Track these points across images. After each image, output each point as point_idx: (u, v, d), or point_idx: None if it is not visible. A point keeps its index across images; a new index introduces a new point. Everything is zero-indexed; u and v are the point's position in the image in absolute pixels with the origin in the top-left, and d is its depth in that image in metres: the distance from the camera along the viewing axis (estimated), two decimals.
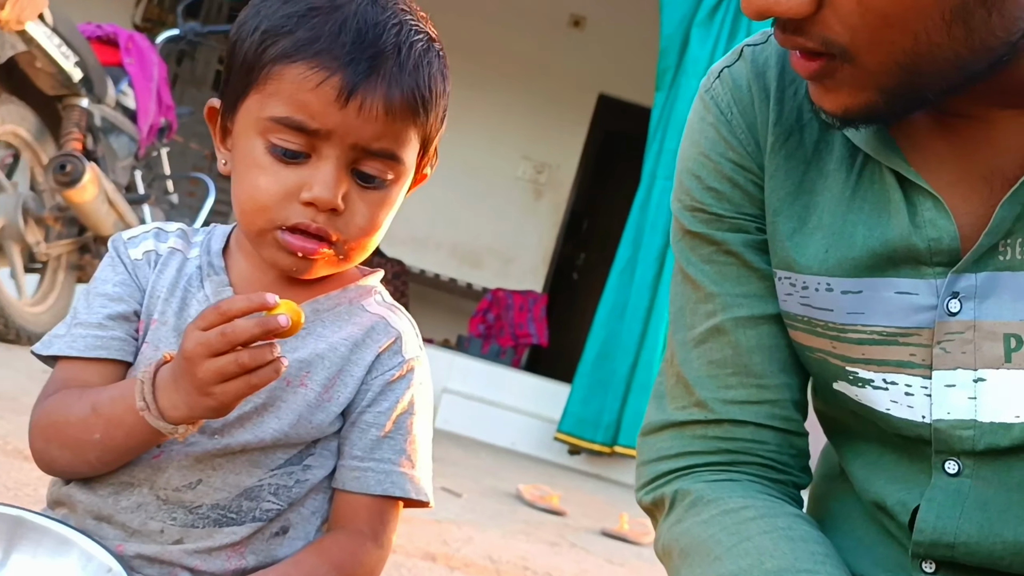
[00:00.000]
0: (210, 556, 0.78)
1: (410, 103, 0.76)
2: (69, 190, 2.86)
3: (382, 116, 0.75)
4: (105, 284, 0.82)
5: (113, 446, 0.76)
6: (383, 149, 0.76)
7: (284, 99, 0.74)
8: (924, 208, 0.73)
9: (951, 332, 0.72)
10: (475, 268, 6.52)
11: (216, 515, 0.78)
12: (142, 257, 0.83)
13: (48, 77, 2.97)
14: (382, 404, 0.82)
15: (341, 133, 0.74)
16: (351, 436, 0.82)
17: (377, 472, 0.81)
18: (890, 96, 0.67)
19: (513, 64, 6.38)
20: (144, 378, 0.73)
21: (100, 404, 0.76)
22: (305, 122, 0.74)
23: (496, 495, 3.03)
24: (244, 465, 0.78)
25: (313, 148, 0.75)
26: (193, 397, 0.71)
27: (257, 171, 0.76)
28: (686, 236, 0.85)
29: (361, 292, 0.85)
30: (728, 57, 0.86)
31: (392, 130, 0.76)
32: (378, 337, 0.83)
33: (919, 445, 0.76)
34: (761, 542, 0.74)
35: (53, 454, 0.79)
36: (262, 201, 0.76)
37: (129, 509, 0.78)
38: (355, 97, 0.73)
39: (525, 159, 6.57)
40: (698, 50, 4.11)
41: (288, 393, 0.79)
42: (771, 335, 0.82)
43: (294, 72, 0.74)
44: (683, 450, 0.83)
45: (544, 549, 2.36)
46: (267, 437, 0.78)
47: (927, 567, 0.76)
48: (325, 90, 0.73)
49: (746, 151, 0.82)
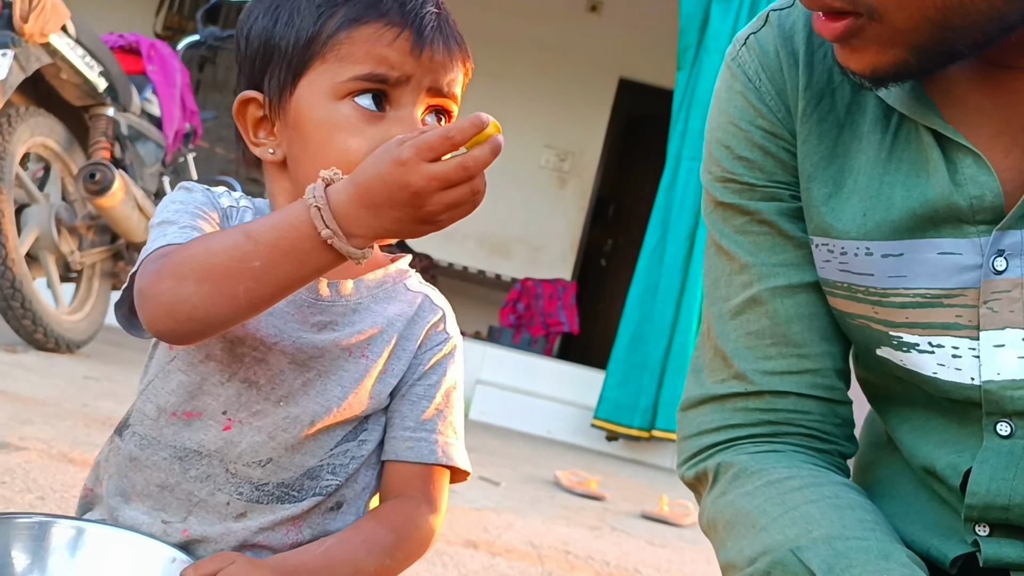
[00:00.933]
0: (272, 532, 0.80)
1: (462, 50, 0.84)
2: (100, 198, 2.90)
3: (448, 60, 0.82)
4: (204, 213, 0.80)
5: (275, 276, 0.71)
6: (451, 91, 0.83)
7: (361, 58, 0.78)
8: (964, 165, 0.72)
9: (998, 291, 0.71)
10: (503, 259, 6.52)
11: (280, 492, 0.81)
12: (227, 208, 0.84)
13: (74, 88, 3.01)
14: (431, 378, 0.86)
15: (419, 78, 0.80)
16: (401, 408, 0.85)
17: (429, 442, 0.85)
18: (921, 53, 0.66)
19: (531, 52, 6.36)
20: (319, 203, 0.69)
21: (257, 232, 0.71)
22: (388, 73, 0.78)
23: (534, 482, 3.03)
24: (309, 446, 0.81)
25: (390, 100, 0.80)
26: (409, 226, 0.70)
27: (344, 134, 0.78)
28: (718, 208, 0.84)
29: (399, 273, 0.88)
30: (754, 23, 0.85)
31: (454, 74, 0.83)
32: (425, 314, 0.87)
33: (968, 408, 0.74)
34: (808, 511, 0.73)
35: (185, 292, 0.71)
36: (357, 161, 0.74)
37: (198, 479, 0.80)
38: (427, 46, 0.80)
39: (548, 147, 6.56)
40: (719, 26, 4.07)
41: (351, 363, 0.82)
42: (809, 303, 0.80)
43: (367, 32, 0.79)
44: (724, 423, 0.82)
45: (585, 533, 2.36)
46: (332, 405, 0.81)
47: (981, 530, 0.74)
48: (401, 43, 0.79)
49: (776, 118, 0.81)
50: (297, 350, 0.80)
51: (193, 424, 0.80)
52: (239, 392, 0.80)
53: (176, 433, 0.81)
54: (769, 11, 0.84)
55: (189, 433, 0.80)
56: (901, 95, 0.74)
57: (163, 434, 0.81)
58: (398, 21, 0.79)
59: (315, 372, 0.81)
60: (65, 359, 3.02)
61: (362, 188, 0.68)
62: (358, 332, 0.83)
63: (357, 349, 0.83)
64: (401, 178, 0.67)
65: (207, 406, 0.80)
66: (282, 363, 0.80)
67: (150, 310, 0.73)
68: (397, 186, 0.67)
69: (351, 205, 0.69)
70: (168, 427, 0.81)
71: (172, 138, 3.49)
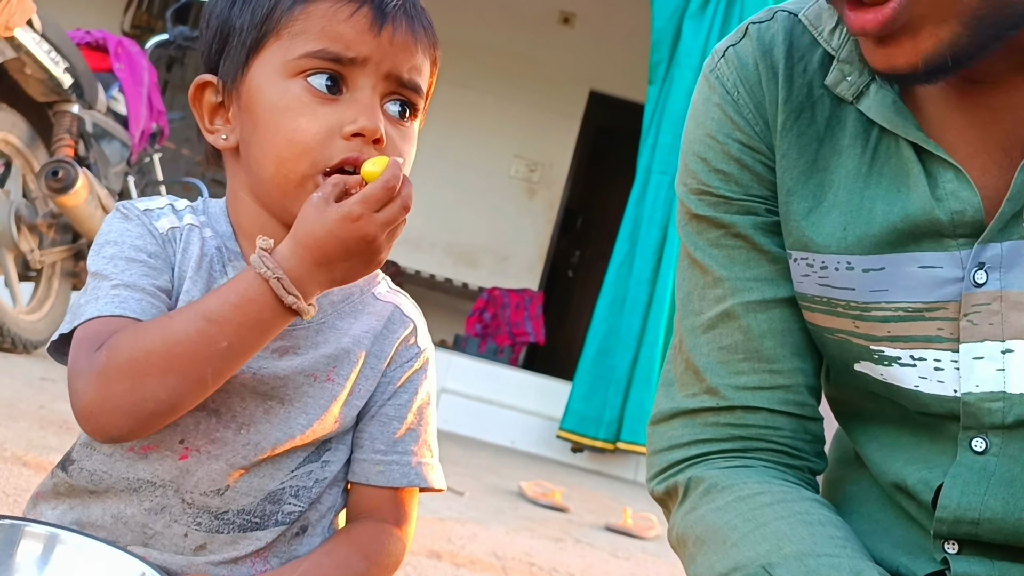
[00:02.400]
0: (236, 565, 0.77)
1: (429, 36, 0.79)
2: (62, 196, 2.84)
3: (411, 44, 0.77)
4: (139, 252, 0.76)
5: (242, 351, 0.71)
6: (412, 80, 0.78)
7: (315, 34, 0.74)
8: (945, 180, 0.72)
9: (978, 304, 0.71)
10: (470, 268, 6.51)
11: (241, 520, 0.77)
12: (168, 232, 0.79)
13: (38, 83, 2.95)
14: (402, 396, 0.83)
15: (376, 60, 0.75)
16: (371, 429, 0.82)
17: (401, 465, 0.82)
18: (975, 21, 0.62)
19: (503, 62, 6.37)
20: (277, 274, 0.69)
21: (217, 312, 0.69)
22: (341, 52, 0.74)
23: (498, 493, 3.02)
24: (267, 468, 0.78)
25: (347, 82, 0.75)
26: (360, 270, 0.72)
27: (294, 114, 0.74)
28: (693, 220, 0.84)
29: (368, 281, 0.84)
30: (733, 36, 0.84)
31: (417, 61, 0.78)
32: (395, 327, 0.83)
33: (944, 423, 0.75)
34: (779, 527, 0.73)
35: (148, 389, 0.68)
36: (306, 143, 0.74)
37: (153, 510, 0.76)
38: (387, 25, 0.75)
39: (518, 157, 6.57)
40: (691, 42, 4.10)
41: (316, 388, 0.78)
42: (783, 319, 0.80)
43: (323, 7, 0.75)
44: (695, 438, 0.82)
45: (548, 545, 2.36)
46: (296, 433, 0.78)
47: (950, 547, 0.75)
48: (358, 19, 0.74)
49: (754, 131, 0.80)
50: (258, 381, 0.77)
51: (149, 456, 0.76)
52: (198, 421, 0.76)
53: (130, 466, 0.76)
54: (748, 24, 0.84)
55: (144, 464, 0.76)
56: (881, 108, 0.74)
57: (116, 467, 0.77)
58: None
59: (277, 400, 0.78)
60: (22, 359, 2.95)
61: (314, 248, 0.69)
62: (323, 355, 0.79)
63: (323, 373, 0.79)
64: (357, 232, 0.69)
65: (164, 437, 0.76)
66: (243, 393, 0.77)
67: (103, 418, 0.69)
68: (354, 240, 0.69)
69: (305, 267, 0.70)
70: (122, 461, 0.77)
71: (138, 137, 3.44)
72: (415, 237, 6.34)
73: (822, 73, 0.79)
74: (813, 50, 0.80)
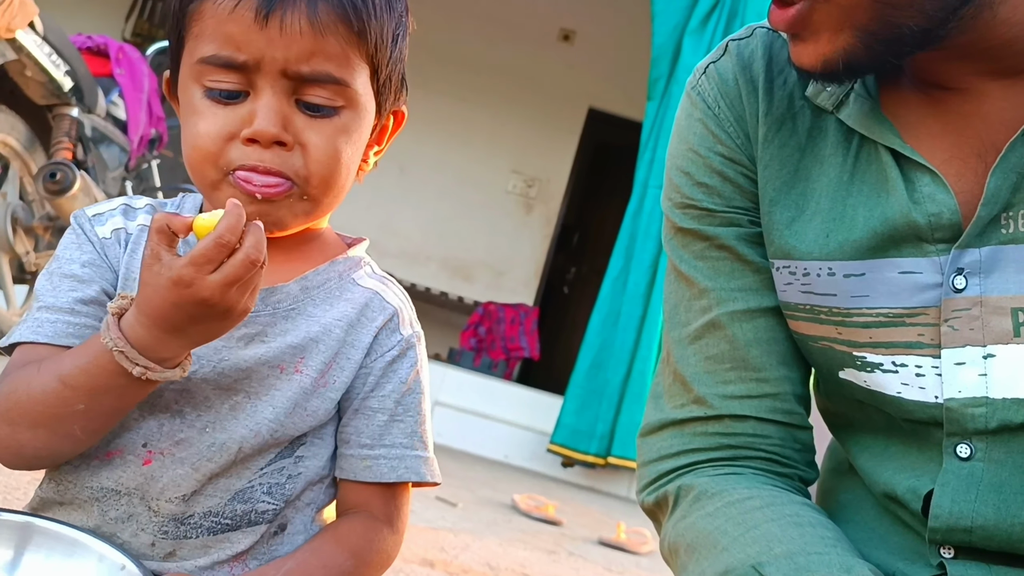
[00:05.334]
0: (212, 571, 0.74)
1: (339, 14, 0.70)
2: (59, 199, 2.84)
3: (308, 32, 0.69)
4: (72, 264, 0.76)
5: (104, 411, 0.69)
6: (318, 72, 0.71)
7: (208, 36, 0.70)
8: (922, 184, 0.73)
9: (958, 309, 0.72)
10: (466, 281, 6.51)
11: (209, 523, 0.74)
12: (111, 236, 0.78)
13: (38, 86, 2.95)
14: (385, 387, 0.79)
15: (269, 59, 0.69)
16: (355, 423, 0.79)
17: (389, 459, 0.78)
18: (868, 36, 0.68)
19: (503, 78, 6.40)
20: (119, 347, 0.66)
21: (71, 376, 0.68)
22: (232, 56, 0.69)
23: (491, 505, 3.01)
24: (234, 467, 0.75)
25: (249, 84, 0.71)
26: (219, 327, 0.67)
27: (196, 118, 0.72)
28: (678, 234, 0.84)
29: (350, 264, 0.81)
30: (714, 53, 0.86)
31: (324, 49, 0.70)
32: (373, 315, 0.79)
33: (929, 429, 0.75)
34: (769, 529, 0.73)
35: (23, 437, 0.70)
36: (204, 147, 0.72)
37: (119, 520, 0.74)
38: (274, 14, 0.68)
39: (515, 173, 6.59)
40: (690, 59, 4.13)
41: (283, 381, 0.75)
42: (768, 328, 0.81)
43: (210, 5, 0.69)
44: (684, 448, 0.82)
45: (542, 557, 2.35)
46: (263, 429, 0.74)
47: (946, 553, 0.74)
48: (242, 13, 0.68)
49: (735, 144, 0.82)
50: (220, 374, 0.74)
51: (113, 461, 0.74)
52: (161, 423, 0.74)
53: (93, 474, 0.74)
54: (728, 41, 0.86)
55: (107, 472, 0.74)
56: (860, 116, 0.75)
57: (80, 475, 0.74)
58: None
59: (243, 395, 0.74)
60: None
61: (156, 317, 0.66)
62: (290, 345, 0.75)
63: (290, 365, 0.75)
64: (193, 297, 0.64)
65: (127, 442, 0.74)
66: (205, 390, 0.74)
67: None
68: (192, 305, 0.65)
69: (152, 336, 0.66)
70: (86, 468, 0.74)
71: (137, 143, 3.44)
72: (412, 250, 6.35)
73: (802, 85, 0.80)
74: None
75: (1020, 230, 0.70)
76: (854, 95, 0.76)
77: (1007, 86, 0.70)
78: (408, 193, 6.21)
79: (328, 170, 0.74)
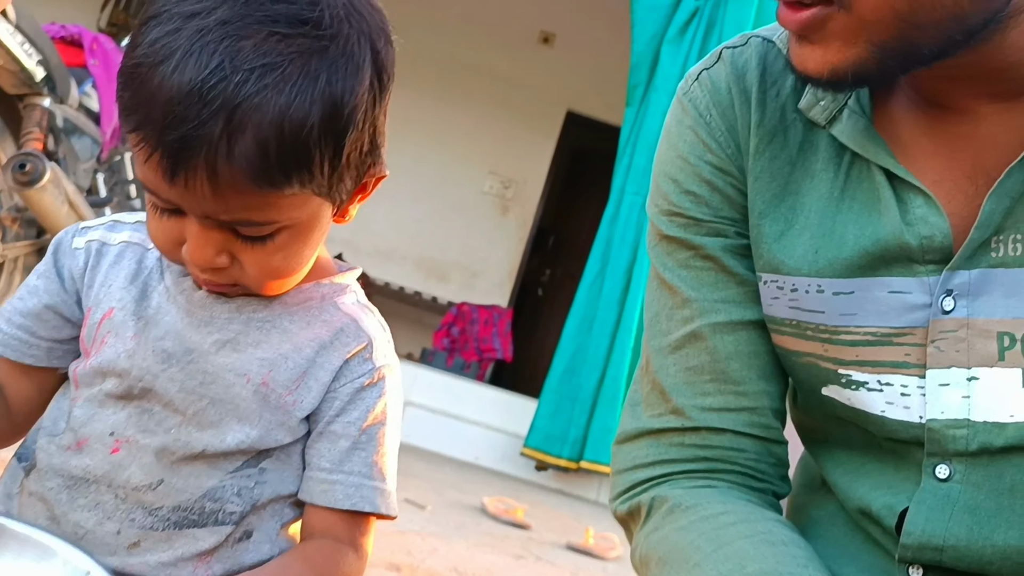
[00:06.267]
0: (176, 568, 0.74)
1: (244, 177, 0.64)
2: (28, 190, 2.79)
3: (212, 195, 0.65)
4: (34, 274, 0.79)
5: None
6: (238, 219, 0.67)
7: (139, 162, 0.67)
8: (915, 205, 0.73)
9: (945, 330, 0.72)
10: (440, 282, 6.49)
11: (177, 517, 0.74)
12: (82, 247, 0.79)
13: (9, 75, 2.90)
14: (351, 413, 0.77)
15: (187, 207, 0.67)
16: (319, 446, 0.78)
17: (346, 485, 0.77)
18: (882, 51, 0.66)
19: (482, 80, 6.39)
20: None
21: None
22: (155, 194, 0.68)
23: (460, 508, 3.00)
24: (203, 467, 0.75)
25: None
26: None
27: (149, 216, 0.72)
28: (662, 241, 0.84)
29: (335, 289, 0.81)
30: (707, 60, 0.85)
31: (242, 201, 0.66)
32: (347, 340, 0.78)
33: (909, 449, 0.75)
34: (741, 546, 0.73)
35: None
36: (159, 246, 0.72)
37: (86, 507, 0.74)
38: (177, 177, 0.64)
39: (492, 174, 6.58)
40: (669, 67, 4.15)
41: (248, 391, 0.75)
42: (749, 341, 0.81)
43: (133, 138, 0.66)
44: (659, 458, 0.82)
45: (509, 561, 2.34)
46: (227, 437, 0.74)
47: (915, 573, 0.75)
48: (153, 165, 0.65)
49: (726, 154, 0.81)
50: (187, 376, 0.74)
51: (83, 450, 0.75)
52: (128, 416, 0.74)
53: (65, 462, 0.75)
54: (722, 48, 0.84)
55: (77, 460, 0.75)
56: (853, 133, 0.75)
57: (52, 464, 0.75)
58: (151, 138, 0.63)
59: (207, 400, 0.74)
60: None
61: None
62: (259, 357, 0.75)
63: (256, 376, 0.75)
64: None
65: (94, 431, 0.75)
66: (171, 391, 0.74)
67: None
68: None
69: None
70: (58, 456, 0.75)
71: (110, 135, 3.39)
72: (386, 249, 6.32)
73: (795, 97, 0.79)
74: (787, 74, 0.80)
75: (1009, 254, 0.70)
76: (847, 111, 0.76)
77: (1003, 109, 0.70)
78: (384, 192, 6.12)
79: (276, 277, 0.73)
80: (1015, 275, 0.69)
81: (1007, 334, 0.70)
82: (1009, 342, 0.69)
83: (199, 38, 0.63)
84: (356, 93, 0.67)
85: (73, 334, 0.80)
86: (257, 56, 0.63)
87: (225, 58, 0.62)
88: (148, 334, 0.75)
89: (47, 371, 0.80)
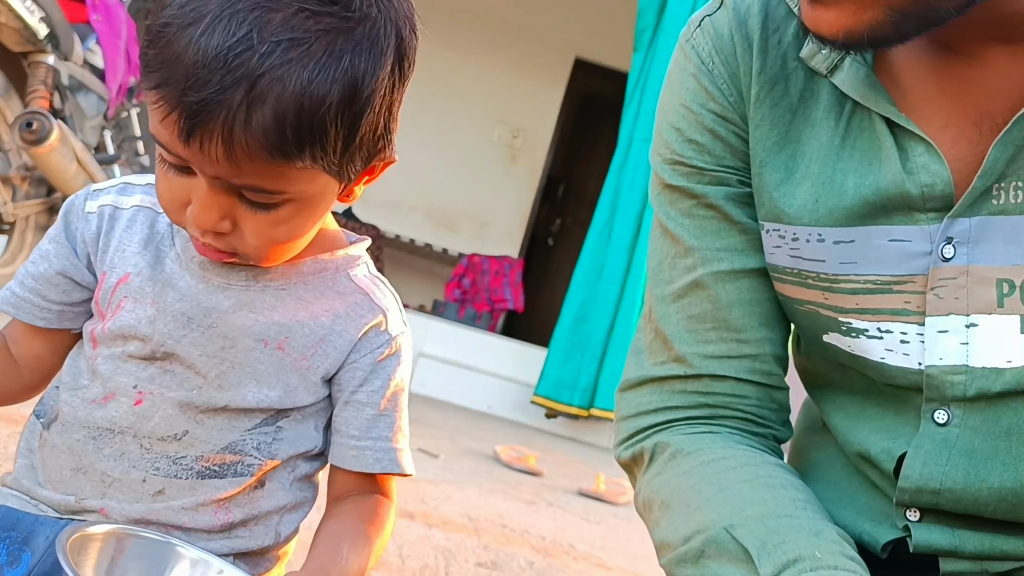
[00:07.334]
0: (196, 512, 0.77)
1: (259, 146, 0.65)
2: (36, 148, 2.80)
3: (226, 159, 0.65)
4: (47, 237, 0.80)
5: None
6: (248, 184, 0.68)
7: (154, 118, 0.67)
8: (916, 154, 0.72)
9: (944, 278, 0.72)
10: (451, 233, 6.49)
11: (200, 467, 0.77)
12: (95, 211, 0.80)
13: (12, 33, 2.89)
14: (374, 383, 0.81)
15: (198, 167, 0.67)
16: (345, 415, 0.82)
17: (375, 451, 0.81)
18: (900, 14, 0.63)
19: (489, 27, 6.31)
20: None
21: None
22: (166, 149, 0.68)
23: (473, 456, 3.04)
24: (224, 421, 0.78)
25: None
26: None
27: (158, 173, 0.72)
28: (665, 190, 0.84)
29: (348, 261, 0.83)
30: (709, 6, 0.84)
31: (250, 170, 0.66)
32: (363, 313, 0.81)
33: (909, 394, 0.76)
34: (741, 490, 0.74)
35: None
36: (165, 205, 0.73)
37: (112, 457, 0.77)
38: (193, 138, 0.65)
39: (500, 123, 6.53)
40: (677, 9, 4.08)
41: (266, 355, 0.78)
42: (751, 289, 0.81)
43: (151, 96, 0.66)
44: (662, 405, 0.83)
45: (521, 507, 2.38)
46: (248, 396, 0.77)
47: (911, 515, 0.76)
48: (169, 125, 0.65)
49: (728, 102, 0.80)
50: (208, 340, 0.76)
51: (108, 405, 0.77)
52: (152, 375, 0.77)
53: (90, 414, 0.78)
54: None
55: (101, 412, 0.77)
56: (855, 82, 0.74)
57: (78, 416, 0.78)
58: (171, 98, 0.64)
59: (228, 363, 0.77)
60: None
61: None
62: (275, 322, 0.77)
63: (273, 341, 0.77)
64: None
65: (119, 385, 0.77)
66: (192, 355, 0.76)
67: None
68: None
69: None
70: (83, 409, 0.78)
71: (115, 91, 3.38)
72: (395, 201, 6.31)
73: (797, 45, 0.79)
74: (788, 21, 0.79)
75: (1011, 201, 0.69)
76: (849, 59, 0.75)
77: (1011, 52, 0.69)
78: None
79: (276, 247, 0.74)
80: (1015, 222, 0.69)
81: (1006, 281, 0.70)
82: (1008, 289, 0.70)
83: (230, 5, 0.63)
84: (377, 77, 0.68)
85: (84, 297, 0.81)
86: (285, 30, 0.63)
87: (253, 28, 0.63)
88: (165, 297, 0.77)
89: (59, 332, 0.82)
